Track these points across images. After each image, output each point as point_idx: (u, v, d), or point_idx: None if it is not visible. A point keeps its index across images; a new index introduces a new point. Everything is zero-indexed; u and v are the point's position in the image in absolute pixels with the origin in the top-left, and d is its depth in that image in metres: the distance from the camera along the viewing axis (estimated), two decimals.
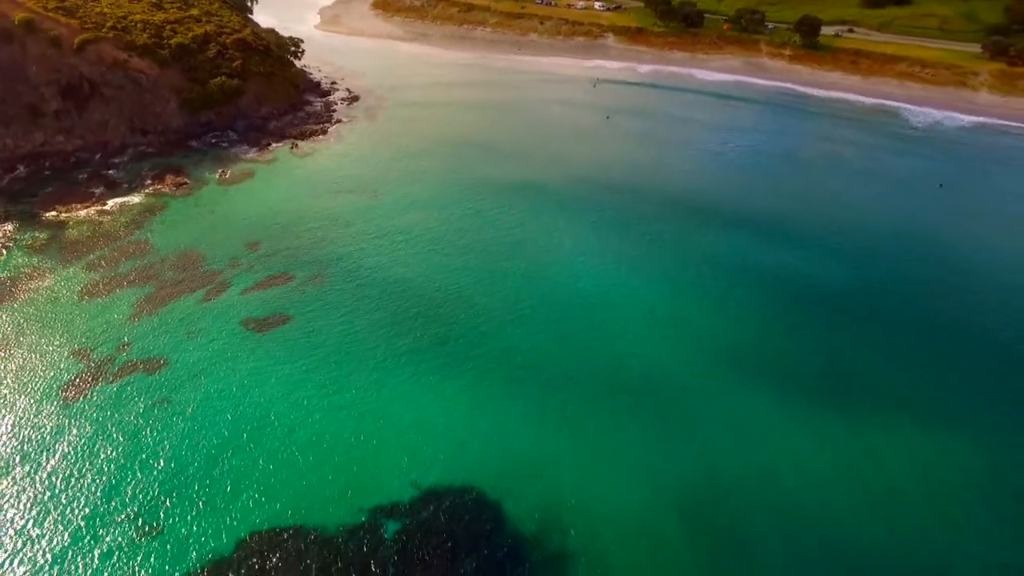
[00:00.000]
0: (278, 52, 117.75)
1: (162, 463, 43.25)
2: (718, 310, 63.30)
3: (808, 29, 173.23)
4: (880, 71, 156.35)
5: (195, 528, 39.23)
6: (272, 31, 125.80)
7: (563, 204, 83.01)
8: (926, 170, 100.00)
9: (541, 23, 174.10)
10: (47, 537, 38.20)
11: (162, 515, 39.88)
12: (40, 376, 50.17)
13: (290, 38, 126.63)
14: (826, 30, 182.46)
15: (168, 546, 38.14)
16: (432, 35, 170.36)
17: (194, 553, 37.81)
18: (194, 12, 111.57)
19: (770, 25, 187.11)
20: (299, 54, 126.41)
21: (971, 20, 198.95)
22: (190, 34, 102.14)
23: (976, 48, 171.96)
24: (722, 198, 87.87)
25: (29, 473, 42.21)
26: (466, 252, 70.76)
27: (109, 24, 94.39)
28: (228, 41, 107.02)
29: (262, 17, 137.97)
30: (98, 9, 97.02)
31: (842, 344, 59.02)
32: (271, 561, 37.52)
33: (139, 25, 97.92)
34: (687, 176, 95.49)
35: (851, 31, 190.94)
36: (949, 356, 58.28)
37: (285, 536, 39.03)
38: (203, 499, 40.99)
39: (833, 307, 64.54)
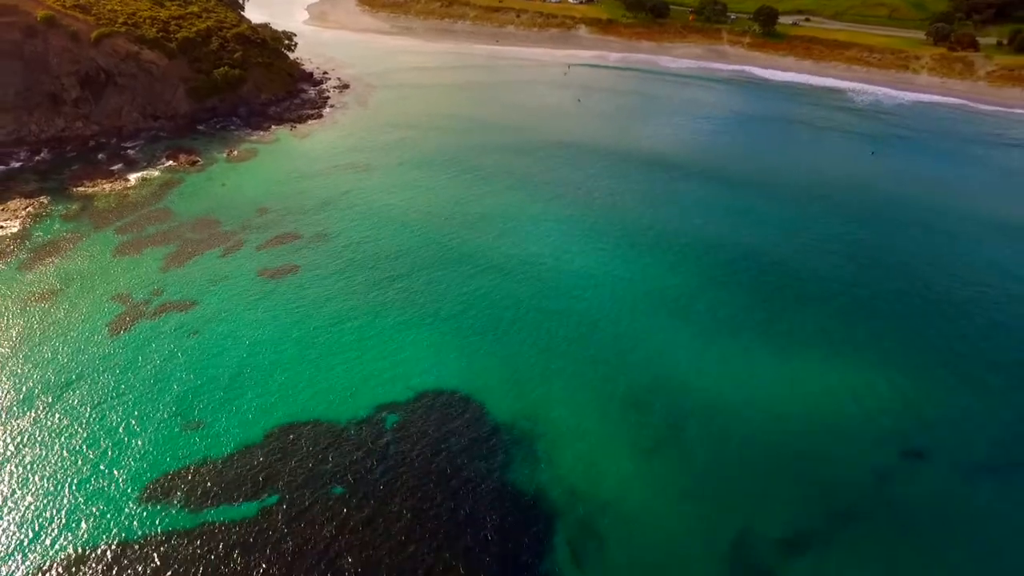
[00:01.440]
0: (273, 45, 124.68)
1: (195, 377, 50.89)
2: (665, 239, 71.84)
3: (766, 18, 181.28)
4: (831, 56, 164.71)
5: (226, 423, 46.93)
6: (267, 26, 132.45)
7: (539, 163, 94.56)
8: (862, 140, 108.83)
9: (518, 16, 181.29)
10: (107, 432, 45.72)
11: (199, 413, 47.58)
12: (89, 316, 57.63)
13: (284, 32, 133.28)
14: (784, 19, 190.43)
15: (205, 435, 45.82)
16: (416, 28, 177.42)
17: (227, 441, 45.52)
18: (194, 9, 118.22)
19: (732, 15, 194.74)
20: (292, 47, 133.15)
21: (919, 8, 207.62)
22: (194, 28, 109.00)
23: (921, 35, 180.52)
24: (673, 155, 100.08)
25: (88, 388, 49.66)
26: (454, 203, 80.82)
27: (121, 20, 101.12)
28: (228, 35, 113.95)
29: (252, 14, 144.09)
30: (109, 6, 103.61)
31: (772, 281, 67.63)
32: (291, 445, 45.35)
33: (147, 20, 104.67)
34: (647, 140, 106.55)
35: (807, 20, 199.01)
36: (857, 290, 66.90)
37: (302, 428, 46.84)
38: (232, 403, 48.70)
39: (764, 249, 73.19)
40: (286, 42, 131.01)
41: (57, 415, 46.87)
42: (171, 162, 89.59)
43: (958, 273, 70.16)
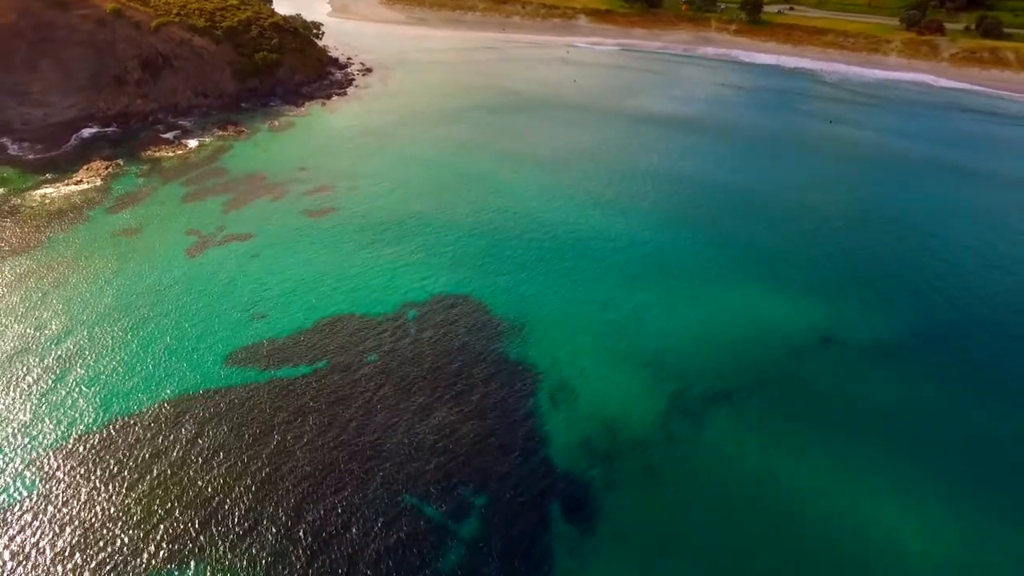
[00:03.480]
0: (304, 33, 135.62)
1: (258, 285, 61.98)
2: (631, 169, 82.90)
3: (752, 7, 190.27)
4: (809, 41, 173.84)
5: (284, 316, 57.96)
6: (298, 16, 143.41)
7: (539, 120, 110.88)
8: (823, 110, 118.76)
9: (523, 7, 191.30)
10: (196, 322, 56.95)
11: (263, 309, 58.69)
12: (169, 244, 69.02)
13: (312, 22, 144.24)
14: (770, 8, 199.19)
15: (269, 323, 56.92)
16: (429, 19, 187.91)
17: (285, 327, 56.66)
18: (233, 1, 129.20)
19: (722, 5, 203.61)
20: (320, 35, 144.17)
21: None
22: (236, 18, 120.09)
23: (895, 21, 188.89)
24: (652, 115, 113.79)
25: (175, 293, 60.93)
26: (465, 152, 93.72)
27: (175, 11, 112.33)
28: (265, 24, 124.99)
29: (280, 6, 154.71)
30: None
31: (733, 204, 79.18)
32: (335, 330, 56.52)
33: (196, 11, 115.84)
34: (630, 104, 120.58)
35: (792, 8, 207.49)
36: (810, 232, 77.55)
37: (343, 319, 57.88)
38: (288, 302, 59.81)
39: (716, 179, 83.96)
40: (314, 31, 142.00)
41: (155, 311, 58.18)
42: (221, 132, 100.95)
43: (884, 207, 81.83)
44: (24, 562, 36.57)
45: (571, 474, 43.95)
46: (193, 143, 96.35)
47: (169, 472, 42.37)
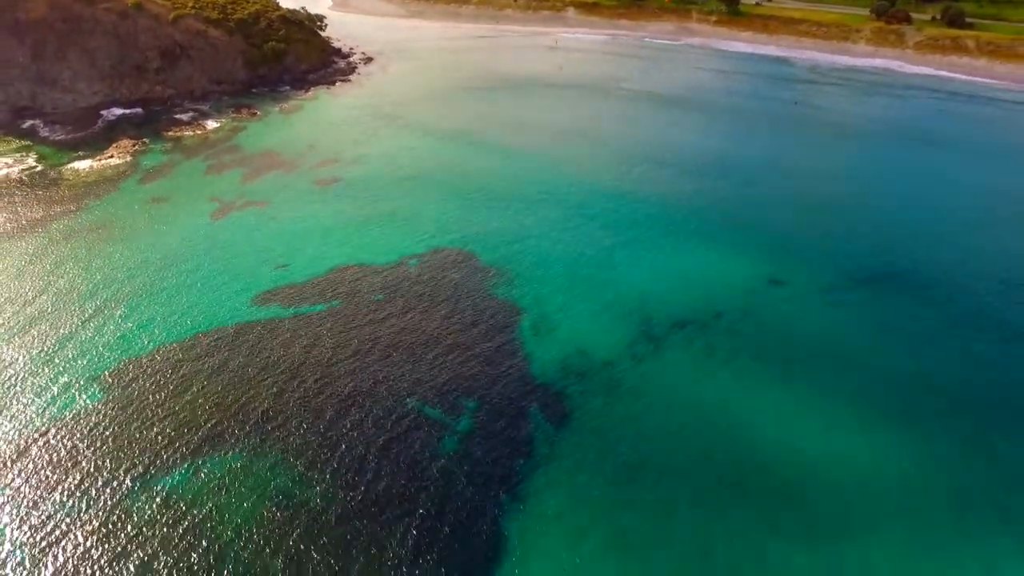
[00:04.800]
0: (309, 25, 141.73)
1: (277, 241, 68.60)
2: (607, 134, 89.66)
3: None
4: (784, 31, 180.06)
5: (301, 265, 64.45)
6: (303, 9, 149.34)
7: (528, 96, 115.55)
8: (790, 93, 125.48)
9: (515, 0, 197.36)
10: (224, 270, 63.58)
11: (282, 260, 65.28)
12: (194, 210, 75.54)
13: (316, 15, 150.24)
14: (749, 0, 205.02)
15: (288, 271, 63.50)
16: (426, 12, 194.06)
17: (303, 274, 63.27)
18: None
19: None
20: (323, 27, 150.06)
21: None
22: (246, 11, 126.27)
23: (867, 12, 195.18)
24: (628, 94, 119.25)
25: (201, 251, 67.42)
26: (461, 130, 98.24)
27: (190, 5, 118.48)
28: (273, 16, 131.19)
29: (284, 0, 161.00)
30: None
31: (699, 166, 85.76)
32: (346, 276, 63.20)
33: (210, 5, 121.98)
34: (611, 82, 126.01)
35: (769, 0, 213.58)
36: (768, 191, 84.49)
37: (352, 268, 64.43)
38: (304, 255, 66.34)
39: (695, 159, 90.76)
40: (318, 23, 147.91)
41: (187, 263, 64.76)
42: (236, 114, 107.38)
43: (836, 169, 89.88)
44: (99, 446, 43.46)
45: (549, 385, 50.81)
46: (211, 124, 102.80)
47: (207, 384, 49.18)
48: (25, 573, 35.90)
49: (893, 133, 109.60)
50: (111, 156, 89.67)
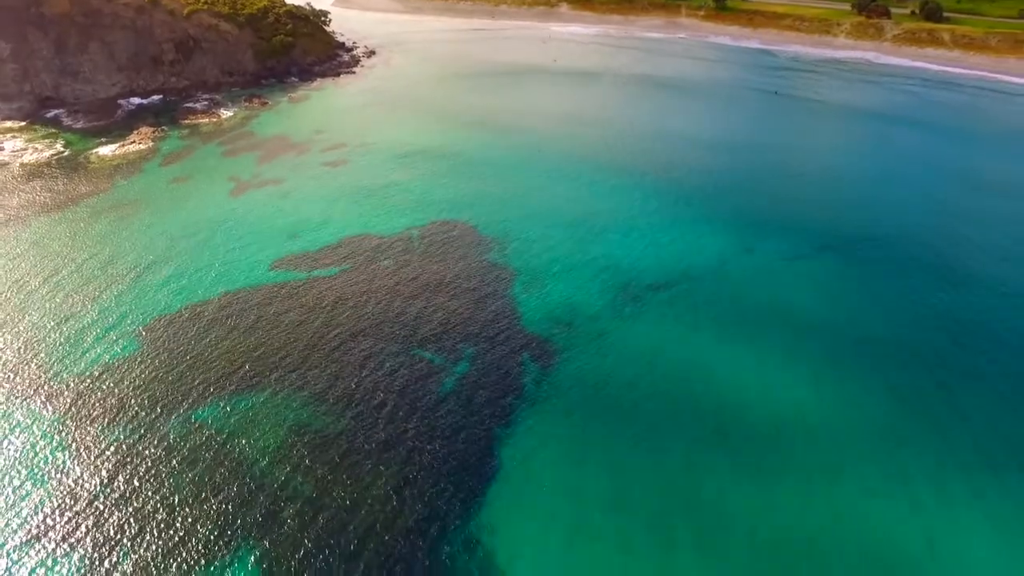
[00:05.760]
0: (314, 20, 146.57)
1: (291, 215, 73.78)
2: (601, 114, 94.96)
3: None
4: (768, 25, 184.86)
5: (314, 236, 69.52)
6: (308, 5, 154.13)
7: (521, 82, 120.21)
8: (772, 83, 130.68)
9: None
10: (250, 240, 68.73)
11: (296, 231, 70.42)
12: (214, 188, 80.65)
13: (320, 10, 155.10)
14: None
15: (302, 241, 68.63)
16: (424, 8, 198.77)
17: (316, 244, 68.40)
18: None
19: None
20: (327, 22, 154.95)
21: None
22: (255, 6, 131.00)
23: (848, 7, 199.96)
24: (617, 80, 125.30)
25: (222, 224, 72.58)
26: (459, 114, 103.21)
27: (203, 0, 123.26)
28: (280, 11, 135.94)
29: None
30: None
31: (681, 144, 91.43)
32: (356, 245, 68.44)
33: (220, 0, 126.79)
34: (600, 70, 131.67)
35: None
36: (746, 167, 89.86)
37: (361, 238, 69.58)
38: (317, 227, 71.54)
39: (678, 141, 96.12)
40: (323, 18, 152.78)
41: (210, 234, 69.93)
42: (248, 103, 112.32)
43: (810, 149, 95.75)
44: (144, 389, 48.85)
45: (539, 335, 56.15)
46: (224, 113, 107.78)
47: (234, 336, 54.46)
48: (95, 493, 41.23)
49: (865, 116, 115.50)
50: (133, 142, 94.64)
